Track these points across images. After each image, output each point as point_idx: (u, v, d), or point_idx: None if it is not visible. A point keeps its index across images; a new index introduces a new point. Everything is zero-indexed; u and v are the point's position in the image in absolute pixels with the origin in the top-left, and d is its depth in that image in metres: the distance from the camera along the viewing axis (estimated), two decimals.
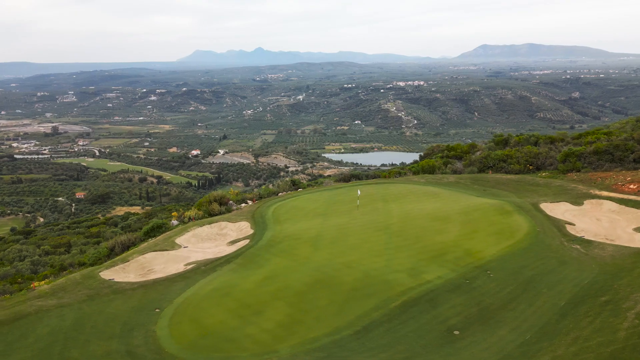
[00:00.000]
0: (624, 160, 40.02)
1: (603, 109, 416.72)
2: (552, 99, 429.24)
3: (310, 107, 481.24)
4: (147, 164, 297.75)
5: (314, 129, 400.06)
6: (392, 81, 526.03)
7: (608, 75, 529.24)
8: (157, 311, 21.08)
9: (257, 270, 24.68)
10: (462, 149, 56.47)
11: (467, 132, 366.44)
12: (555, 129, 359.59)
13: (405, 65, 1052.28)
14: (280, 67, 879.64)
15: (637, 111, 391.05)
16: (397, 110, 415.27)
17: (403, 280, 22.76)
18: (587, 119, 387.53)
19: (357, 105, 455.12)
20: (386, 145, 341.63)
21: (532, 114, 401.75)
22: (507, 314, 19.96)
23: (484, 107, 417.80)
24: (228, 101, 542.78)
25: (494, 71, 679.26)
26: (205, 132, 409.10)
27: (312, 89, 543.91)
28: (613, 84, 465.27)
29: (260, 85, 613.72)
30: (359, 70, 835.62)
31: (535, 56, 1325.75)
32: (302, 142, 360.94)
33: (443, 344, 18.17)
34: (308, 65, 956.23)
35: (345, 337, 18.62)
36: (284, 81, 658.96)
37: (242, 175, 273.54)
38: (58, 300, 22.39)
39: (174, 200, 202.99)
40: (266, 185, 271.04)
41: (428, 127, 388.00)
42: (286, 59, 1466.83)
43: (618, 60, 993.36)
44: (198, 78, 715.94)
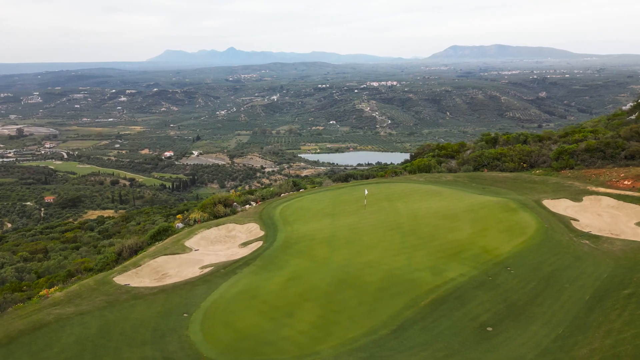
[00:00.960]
0: (616, 157, 41.52)
1: (569, 108, 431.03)
2: (521, 99, 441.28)
3: (284, 108, 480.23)
4: (118, 167, 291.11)
5: (289, 130, 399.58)
6: (365, 81, 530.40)
7: (573, 75, 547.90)
8: (185, 316, 20.61)
9: (279, 272, 24.45)
10: (452, 148, 57.39)
11: (440, 131, 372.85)
12: (524, 127, 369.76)
13: (378, 65, 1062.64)
14: (254, 67, 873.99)
15: (600, 110, 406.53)
16: (371, 111, 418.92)
17: (427, 279, 22.97)
18: (554, 118, 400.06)
19: (331, 106, 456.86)
20: (361, 145, 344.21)
21: (502, 113, 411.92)
22: (535, 309, 20.39)
23: (456, 107, 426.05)
24: (201, 101, 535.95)
25: (464, 71, 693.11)
26: (178, 133, 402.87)
27: (286, 89, 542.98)
28: (578, 83, 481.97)
29: (234, 86, 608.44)
30: (332, 70, 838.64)
31: (504, 57, 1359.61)
32: (278, 143, 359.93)
33: (479, 341, 18.41)
34: (281, 65, 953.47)
35: (383, 337, 18.66)
36: (257, 81, 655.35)
37: (218, 177, 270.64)
38: (76, 308, 21.61)
39: (148, 203, 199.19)
40: (243, 187, 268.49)
41: (402, 126, 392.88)
42: (259, 59, 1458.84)
43: (582, 60, 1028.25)
44: (169, 78, 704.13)
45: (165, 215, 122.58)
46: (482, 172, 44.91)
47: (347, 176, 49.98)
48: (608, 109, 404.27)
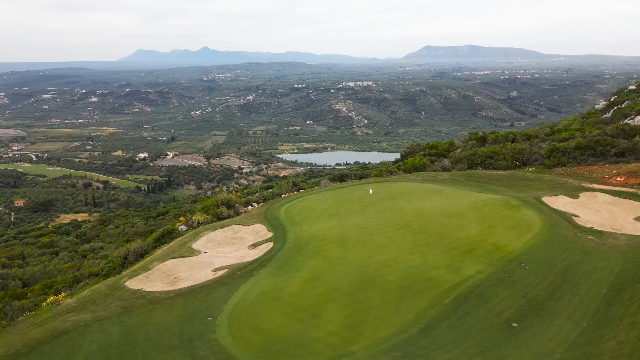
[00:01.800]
0: (606, 154, 42.83)
1: (539, 107, 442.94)
2: (493, 98, 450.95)
3: (261, 108, 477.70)
4: (90, 169, 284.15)
5: (266, 130, 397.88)
6: (341, 81, 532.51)
7: (542, 75, 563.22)
8: (209, 320, 20.22)
9: (296, 273, 24.26)
10: (442, 147, 58.13)
11: (416, 130, 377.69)
12: (497, 126, 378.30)
13: (354, 65, 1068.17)
14: (228, 67, 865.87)
15: (569, 109, 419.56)
16: (347, 110, 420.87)
17: (446, 277, 23.18)
18: (525, 117, 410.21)
19: (308, 106, 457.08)
20: (339, 145, 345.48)
21: (475, 112, 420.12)
22: (555, 304, 20.83)
23: (430, 107, 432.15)
24: (175, 102, 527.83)
25: (438, 71, 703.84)
26: (152, 134, 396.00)
27: (262, 89, 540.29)
28: (547, 83, 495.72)
29: (208, 86, 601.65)
30: (308, 70, 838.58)
31: (476, 57, 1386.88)
32: (255, 143, 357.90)
33: (508, 337, 18.68)
34: (257, 65, 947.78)
35: (413, 335, 18.72)
36: (232, 81, 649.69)
37: (194, 178, 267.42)
38: (93, 314, 20.94)
39: (123, 205, 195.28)
40: (220, 188, 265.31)
41: (378, 126, 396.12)
42: (234, 59, 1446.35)
43: (551, 61, 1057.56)
44: (142, 78, 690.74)
45: (145, 218, 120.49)
46: (477, 171, 45.64)
47: (343, 176, 50.01)
48: (576, 107, 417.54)
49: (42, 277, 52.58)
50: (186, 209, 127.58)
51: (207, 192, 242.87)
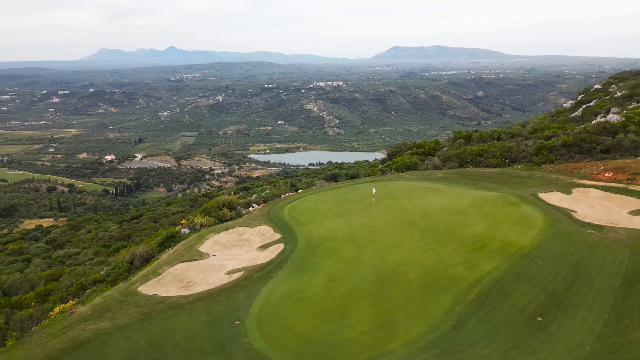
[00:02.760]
0: (592, 151, 44.43)
1: (504, 106, 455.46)
2: (460, 98, 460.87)
3: (231, 108, 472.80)
4: (54, 172, 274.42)
5: (237, 130, 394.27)
6: (312, 81, 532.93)
7: (506, 75, 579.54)
8: (237, 323, 19.83)
9: (315, 274, 24.08)
10: (429, 146, 58.96)
11: (386, 130, 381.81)
12: (465, 125, 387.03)
13: (323, 65, 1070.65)
14: (196, 67, 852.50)
15: (532, 108, 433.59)
16: (319, 110, 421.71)
17: (464, 274, 23.49)
18: (491, 116, 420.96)
19: (279, 106, 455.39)
20: (311, 145, 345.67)
21: (444, 111, 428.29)
22: (574, 298, 21.42)
23: (400, 106, 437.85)
24: (142, 102, 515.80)
25: (406, 72, 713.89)
26: (118, 135, 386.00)
27: (231, 89, 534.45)
28: (511, 83, 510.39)
29: (176, 86, 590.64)
30: (278, 70, 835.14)
31: (442, 57, 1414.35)
32: (225, 144, 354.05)
33: (536, 331, 19.08)
34: (225, 65, 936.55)
35: (445, 333, 18.88)
36: (201, 81, 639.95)
37: (164, 180, 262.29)
38: (112, 322, 20.18)
39: (91, 209, 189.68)
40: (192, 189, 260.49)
41: (349, 126, 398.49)
42: (202, 59, 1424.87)
43: (514, 61, 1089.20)
44: (106, 78, 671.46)
45: (118, 221, 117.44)
46: (469, 169, 46.49)
47: (335, 175, 49.98)
48: (539, 106, 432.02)
49: (22, 286, 50.30)
50: (161, 212, 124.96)
51: (177, 194, 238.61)
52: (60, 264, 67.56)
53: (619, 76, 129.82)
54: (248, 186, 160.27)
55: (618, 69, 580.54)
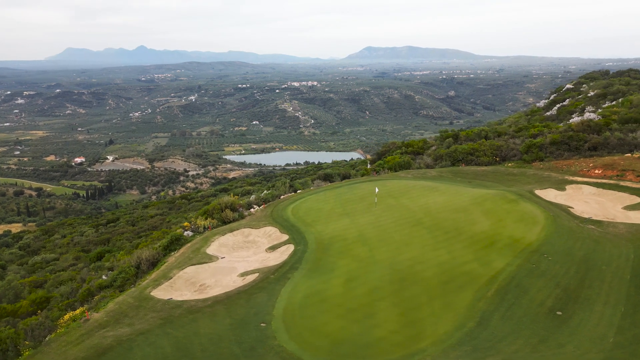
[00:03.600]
0: (580, 148, 45.79)
1: (475, 106, 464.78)
2: (433, 98, 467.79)
3: (204, 108, 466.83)
4: (21, 175, 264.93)
5: (211, 131, 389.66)
6: (286, 81, 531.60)
7: (477, 75, 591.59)
8: (263, 326, 19.52)
9: (332, 274, 23.98)
10: (418, 145, 59.62)
11: (361, 130, 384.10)
12: (438, 125, 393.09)
13: (297, 65, 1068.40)
14: (168, 67, 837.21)
15: (502, 107, 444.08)
16: (294, 110, 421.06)
17: (480, 270, 23.80)
18: (463, 115, 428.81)
19: (253, 106, 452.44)
20: (286, 145, 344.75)
21: (417, 111, 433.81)
22: (588, 291, 21.99)
23: (374, 106, 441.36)
24: (111, 103, 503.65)
25: (379, 72, 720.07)
26: (87, 137, 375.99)
27: (204, 89, 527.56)
28: (481, 83, 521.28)
29: (147, 86, 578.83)
30: (251, 70, 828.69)
31: (414, 58, 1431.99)
32: (200, 145, 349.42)
33: (558, 325, 19.49)
34: (198, 64, 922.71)
35: (473, 329, 19.08)
36: (172, 81, 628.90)
37: (137, 182, 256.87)
38: (131, 328, 19.57)
39: (61, 214, 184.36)
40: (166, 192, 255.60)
41: (325, 126, 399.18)
42: (173, 58, 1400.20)
43: (484, 61, 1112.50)
44: (73, 78, 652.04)
45: (94, 225, 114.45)
46: (462, 167, 47.21)
47: (327, 175, 49.93)
48: (508, 105, 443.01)
49: (6, 294, 48.35)
50: (138, 215, 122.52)
51: (151, 196, 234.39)
52: (40, 270, 65.27)
53: (589, 76, 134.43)
54: (227, 187, 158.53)
55: (583, 69, 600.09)
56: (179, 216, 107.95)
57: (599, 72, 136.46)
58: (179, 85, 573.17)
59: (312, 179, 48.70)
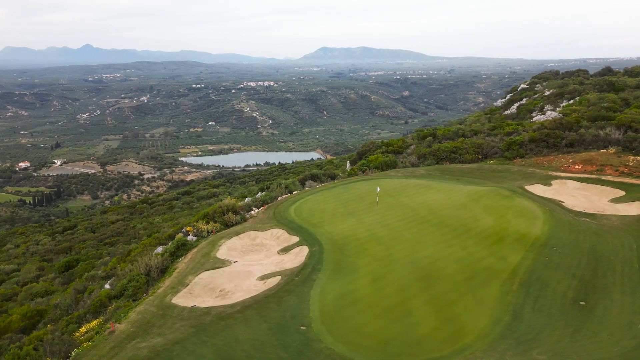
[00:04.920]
0: (557, 145, 47.94)
1: (429, 105, 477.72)
2: (388, 98, 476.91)
3: (157, 109, 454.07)
4: None
5: (165, 132, 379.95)
6: (242, 81, 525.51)
7: (429, 75, 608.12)
8: (303, 329, 19.12)
9: (356, 274, 23.86)
10: (397, 144, 60.45)
11: (320, 130, 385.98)
12: (393, 124, 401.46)
13: (252, 65, 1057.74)
14: (117, 66, 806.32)
15: (454, 106, 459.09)
16: (251, 111, 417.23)
17: (499, 265, 24.40)
18: (417, 115, 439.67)
19: (209, 106, 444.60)
20: (245, 146, 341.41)
21: (373, 111, 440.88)
22: (603, 281, 23.02)
23: (332, 106, 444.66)
24: (56, 104, 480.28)
25: (335, 72, 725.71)
26: (31, 140, 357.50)
27: (156, 89, 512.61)
28: (434, 83, 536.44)
29: (95, 86, 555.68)
30: (205, 70, 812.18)
31: (369, 58, 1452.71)
32: (154, 147, 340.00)
33: (586, 315, 20.29)
34: (148, 64, 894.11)
35: (510, 323, 19.52)
36: (122, 81, 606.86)
37: (89, 187, 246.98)
38: (163, 338, 18.67)
39: (7, 222, 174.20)
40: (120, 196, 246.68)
41: (283, 126, 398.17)
42: (122, 58, 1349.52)
43: (435, 62, 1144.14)
44: (14, 79, 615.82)
45: (50, 234, 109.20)
46: (447, 165, 48.31)
47: (314, 176, 49.71)
48: (460, 105, 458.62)
49: None
50: (97, 221, 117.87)
51: (104, 201, 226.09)
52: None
53: (541, 76, 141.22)
54: (189, 190, 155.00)
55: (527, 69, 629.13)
56: (144, 221, 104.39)
57: (550, 72, 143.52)
58: (130, 85, 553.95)
59: (298, 179, 48.29)
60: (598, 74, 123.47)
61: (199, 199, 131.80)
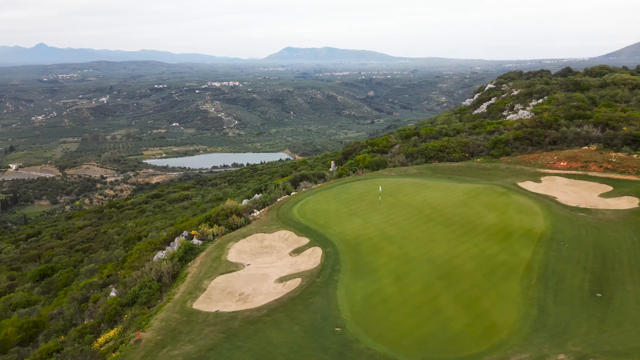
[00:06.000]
0: (541, 143, 49.53)
1: (393, 105, 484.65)
2: (354, 98, 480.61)
3: (117, 110, 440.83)
4: None
5: (127, 134, 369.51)
6: (206, 81, 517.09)
7: (393, 76, 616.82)
8: (338, 330, 18.92)
9: (377, 274, 23.84)
10: (382, 144, 60.95)
11: (287, 130, 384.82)
12: (360, 124, 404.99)
13: (216, 65, 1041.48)
14: (74, 66, 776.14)
15: (418, 106, 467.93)
16: (216, 111, 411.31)
17: (513, 261, 24.93)
18: (383, 114, 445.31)
19: (172, 107, 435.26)
20: (211, 147, 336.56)
21: (340, 111, 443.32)
22: (614, 273, 23.90)
23: (298, 107, 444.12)
24: (9, 106, 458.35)
25: (301, 72, 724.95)
26: None
27: (117, 89, 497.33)
28: (398, 83, 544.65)
29: (50, 87, 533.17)
30: (167, 70, 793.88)
31: (333, 59, 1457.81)
32: (115, 149, 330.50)
33: (605, 306, 20.99)
34: (107, 64, 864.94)
35: (538, 317, 19.98)
36: (80, 82, 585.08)
37: (47, 192, 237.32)
38: (195, 345, 18.09)
39: None
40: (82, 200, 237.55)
41: (249, 127, 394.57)
42: (79, 57, 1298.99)
43: (398, 63, 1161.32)
44: None
45: (13, 241, 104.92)
46: (437, 164, 49.02)
47: (302, 176, 49.39)
48: (424, 104, 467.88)
49: None
50: (64, 227, 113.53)
51: (64, 206, 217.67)
52: None
53: (507, 76, 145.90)
54: (158, 193, 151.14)
55: (487, 70, 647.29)
56: (115, 226, 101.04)
57: (515, 72, 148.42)
58: (88, 85, 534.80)
59: (289, 180, 47.88)
60: (559, 74, 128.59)
61: (171, 202, 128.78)
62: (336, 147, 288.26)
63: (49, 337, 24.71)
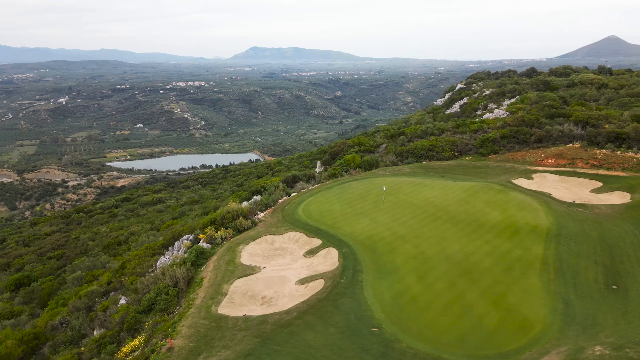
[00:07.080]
0: (527, 141, 50.88)
1: (361, 105, 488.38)
2: (322, 98, 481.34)
3: (77, 111, 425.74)
4: None
5: (89, 136, 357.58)
6: (171, 81, 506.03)
7: (360, 76, 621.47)
8: (375, 330, 18.86)
9: (399, 273, 23.82)
10: (369, 143, 61.23)
11: (255, 130, 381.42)
12: (329, 124, 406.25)
13: (181, 65, 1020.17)
14: (29, 66, 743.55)
15: (385, 106, 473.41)
16: (182, 112, 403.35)
17: (527, 256, 25.46)
18: (351, 114, 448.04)
19: (135, 108, 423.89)
20: (177, 149, 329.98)
21: (308, 111, 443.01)
22: (623, 266, 24.77)
23: (266, 107, 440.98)
24: None
25: (268, 72, 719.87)
26: None
27: (76, 90, 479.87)
28: (365, 83, 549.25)
29: (5, 87, 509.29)
30: (130, 69, 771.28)
31: (300, 59, 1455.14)
32: (77, 152, 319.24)
33: (622, 298, 21.73)
34: (65, 63, 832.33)
35: (565, 311, 20.44)
36: (36, 82, 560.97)
37: (5, 198, 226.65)
38: (232, 351, 17.65)
39: None
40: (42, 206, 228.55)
41: (217, 127, 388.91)
42: (34, 56, 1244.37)
43: (364, 63, 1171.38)
44: None
45: None
46: (429, 162, 49.57)
47: (294, 177, 48.97)
48: (390, 104, 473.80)
49: None
50: (30, 234, 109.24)
51: (24, 212, 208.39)
52: None
53: (476, 76, 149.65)
54: (128, 196, 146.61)
55: (450, 70, 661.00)
56: (87, 231, 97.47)
57: (484, 72, 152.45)
58: (45, 86, 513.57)
59: (281, 180, 47.36)
60: (524, 74, 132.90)
61: (143, 205, 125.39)
62: (306, 147, 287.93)
63: (57, 349, 23.41)
